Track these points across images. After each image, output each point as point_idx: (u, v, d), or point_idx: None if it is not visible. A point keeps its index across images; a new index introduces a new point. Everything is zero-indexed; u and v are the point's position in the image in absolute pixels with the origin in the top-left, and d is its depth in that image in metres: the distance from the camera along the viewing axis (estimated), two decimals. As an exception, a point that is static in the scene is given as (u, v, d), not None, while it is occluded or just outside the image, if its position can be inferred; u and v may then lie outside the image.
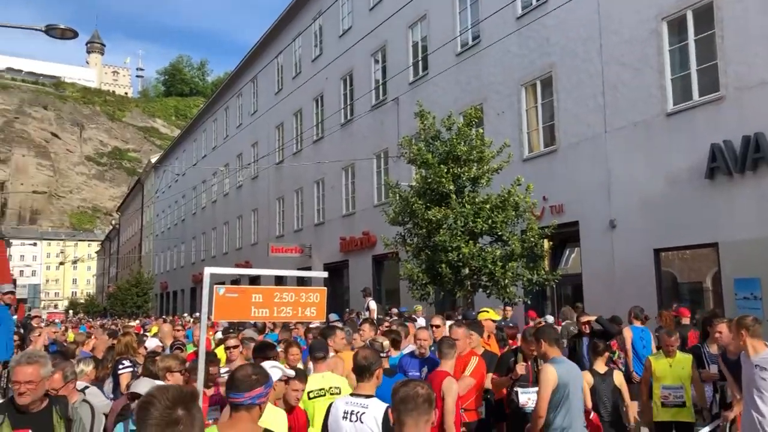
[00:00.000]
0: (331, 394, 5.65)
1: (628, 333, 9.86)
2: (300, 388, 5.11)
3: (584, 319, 9.08)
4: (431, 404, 3.02)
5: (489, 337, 8.66)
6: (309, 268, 26.45)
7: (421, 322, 12.65)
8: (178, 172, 49.27)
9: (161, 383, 4.88)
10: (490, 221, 12.40)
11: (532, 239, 12.63)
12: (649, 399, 7.22)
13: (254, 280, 28.99)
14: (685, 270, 13.95)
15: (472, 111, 13.87)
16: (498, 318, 10.05)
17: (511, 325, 11.75)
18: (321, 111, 28.13)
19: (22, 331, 11.01)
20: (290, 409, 5.02)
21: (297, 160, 29.56)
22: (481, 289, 13.00)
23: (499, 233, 12.62)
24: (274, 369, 4.57)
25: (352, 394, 4.52)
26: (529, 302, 14.34)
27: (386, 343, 6.96)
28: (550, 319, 13.12)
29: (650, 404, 7.20)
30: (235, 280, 30.29)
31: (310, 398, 5.64)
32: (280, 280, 25.00)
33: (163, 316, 34.99)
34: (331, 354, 6.93)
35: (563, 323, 12.17)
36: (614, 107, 14.55)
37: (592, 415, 6.15)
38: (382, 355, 5.94)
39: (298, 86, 29.09)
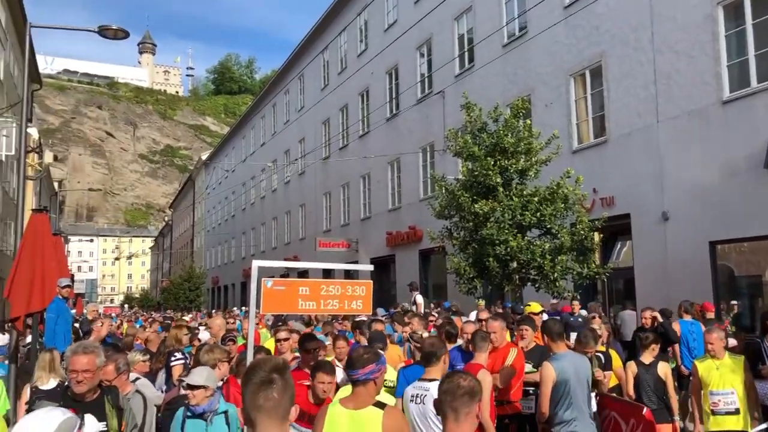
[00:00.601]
0: (386, 387, 5.62)
1: (676, 327, 9.69)
2: (327, 380, 4.97)
3: (648, 314, 8.99)
4: (473, 396, 2.99)
5: (537, 330, 8.56)
6: (356, 262, 26.60)
7: (472, 316, 12.56)
8: (228, 169, 50.13)
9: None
10: (538, 214, 12.22)
11: (582, 232, 12.40)
12: (701, 407, 6.58)
13: (302, 275, 29.30)
14: (742, 263, 13.48)
15: (519, 102, 13.69)
16: (538, 310, 9.95)
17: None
18: (366, 106, 28.19)
19: (76, 325, 11.33)
20: (319, 402, 4.89)
21: (343, 155, 29.72)
22: (529, 283, 12.83)
23: (548, 226, 12.43)
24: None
25: (420, 379, 4.80)
26: (579, 296, 14.09)
27: (425, 334, 7.18)
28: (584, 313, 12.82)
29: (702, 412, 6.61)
30: (284, 275, 30.65)
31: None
32: (327, 275, 25.19)
33: (212, 310, 35.71)
34: None
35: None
36: (667, 96, 14.13)
37: (645, 410, 6.01)
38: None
39: (344, 82, 29.20)
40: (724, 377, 6.34)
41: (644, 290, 14.33)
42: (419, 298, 16.40)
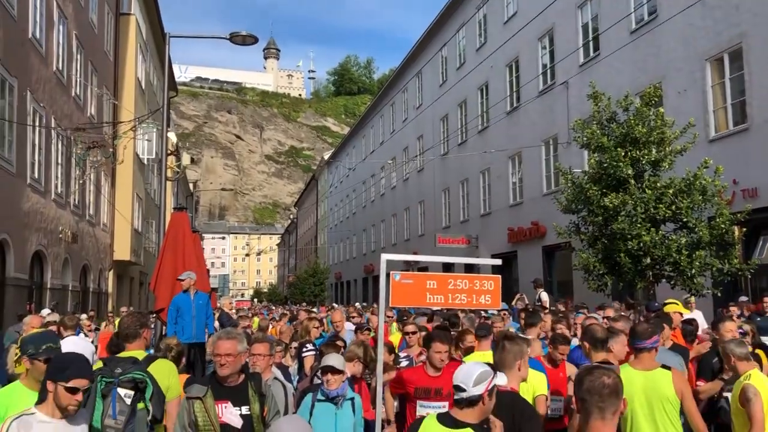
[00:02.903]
0: None
1: None
2: (443, 349, 5.35)
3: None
4: (618, 394, 2.85)
5: (674, 329, 8.10)
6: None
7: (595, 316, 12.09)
8: (349, 168, 51.32)
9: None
10: (673, 207, 11.55)
11: (722, 226, 11.57)
12: None
13: (421, 270, 29.43)
14: None
15: (651, 90, 12.97)
16: (688, 312, 9.37)
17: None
18: (486, 100, 27.86)
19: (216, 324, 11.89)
20: (438, 370, 5.27)
21: (462, 151, 29.54)
22: (664, 280, 12.16)
23: (684, 220, 11.70)
24: None
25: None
26: (719, 294, 13.18)
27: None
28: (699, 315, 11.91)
29: None
30: (404, 269, 30.91)
31: None
32: (447, 270, 25.15)
33: (333, 304, 36.68)
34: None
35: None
36: (820, 76, 12.90)
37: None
38: None
39: (463, 77, 29.00)
40: None
41: (795, 289, 13.18)
42: (544, 296, 16.02)
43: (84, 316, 16.05)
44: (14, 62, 15.38)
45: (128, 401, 3.84)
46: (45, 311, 14.33)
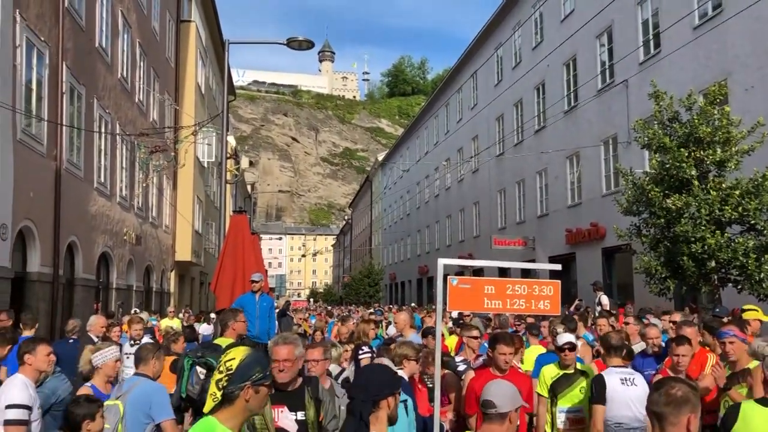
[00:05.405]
0: None
1: None
2: (507, 351, 5.51)
3: None
4: (687, 406, 2.77)
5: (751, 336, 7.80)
6: (533, 261, 26.01)
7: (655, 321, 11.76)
8: (403, 169, 51.38)
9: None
10: (740, 209, 11.16)
11: (793, 228, 11.12)
12: None
13: (476, 274, 29.21)
14: None
15: (715, 88, 12.56)
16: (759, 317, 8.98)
17: None
18: (542, 100, 27.46)
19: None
20: (503, 372, 5.43)
21: (518, 152, 29.20)
22: (731, 284, 11.75)
23: (752, 222, 11.29)
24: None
25: (613, 366, 5.46)
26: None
27: (560, 329, 7.52)
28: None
29: None
30: (459, 272, 30.77)
31: None
32: (503, 273, 24.89)
33: (389, 305, 36.78)
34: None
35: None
36: None
37: None
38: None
39: (519, 77, 28.67)
40: None
41: None
42: (604, 299, 15.68)
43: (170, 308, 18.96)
44: (82, 71, 16.00)
45: (202, 376, 5.13)
46: (134, 310, 15.30)
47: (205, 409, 2.85)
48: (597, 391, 5.28)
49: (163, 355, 5.84)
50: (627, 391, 5.15)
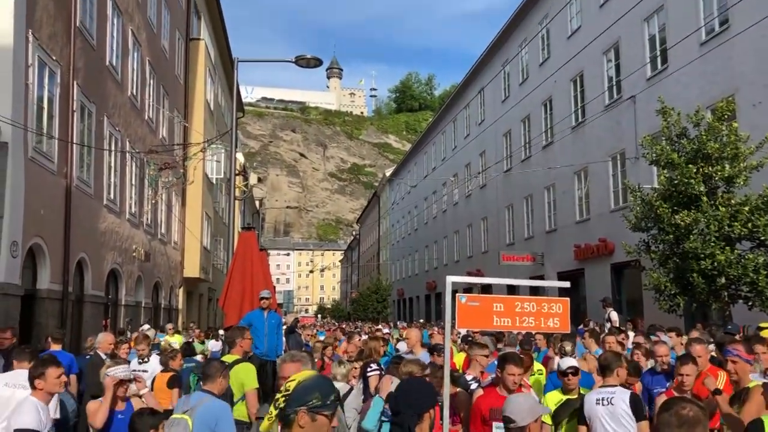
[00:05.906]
0: None
1: None
2: (516, 372, 5.51)
3: None
4: (704, 425, 2.75)
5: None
6: (541, 277, 25.92)
7: (665, 338, 11.68)
8: (411, 184, 51.43)
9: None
10: (749, 225, 11.13)
11: (804, 244, 11.06)
12: None
13: (485, 290, 29.11)
14: None
15: (723, 104, 12.57)
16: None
17: None
18: (550, 115, 27.50)
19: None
20: (510, 392, 5.35)
21: (526, 167, 29.21)
22: (741, 301, 11.67)
23: (762, 238, 11.25)
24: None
25: (600, 386, 5.52)
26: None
27: (569, 348, 7.66)
28: None
29: None
30: (467, 289, 30.68)
31: None
32: (511, 290, 24.81)
33: (398, 321, 36.65)
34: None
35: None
36: None
37: None
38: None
39: (526, 93, 28.76)
40: None
41: None
42: (614, 315, 15.59)
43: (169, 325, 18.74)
44: (93, 89, 16.17)
45: None
46: (145, 327, 15.35)
47: (262, 428, 2.85)
48: (578, 413, 5.52)
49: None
50: (600, 410, 5.27)
